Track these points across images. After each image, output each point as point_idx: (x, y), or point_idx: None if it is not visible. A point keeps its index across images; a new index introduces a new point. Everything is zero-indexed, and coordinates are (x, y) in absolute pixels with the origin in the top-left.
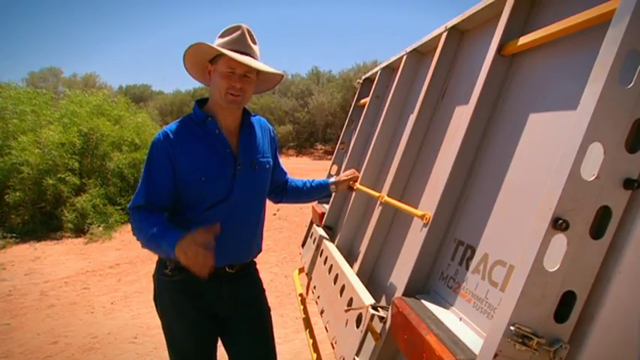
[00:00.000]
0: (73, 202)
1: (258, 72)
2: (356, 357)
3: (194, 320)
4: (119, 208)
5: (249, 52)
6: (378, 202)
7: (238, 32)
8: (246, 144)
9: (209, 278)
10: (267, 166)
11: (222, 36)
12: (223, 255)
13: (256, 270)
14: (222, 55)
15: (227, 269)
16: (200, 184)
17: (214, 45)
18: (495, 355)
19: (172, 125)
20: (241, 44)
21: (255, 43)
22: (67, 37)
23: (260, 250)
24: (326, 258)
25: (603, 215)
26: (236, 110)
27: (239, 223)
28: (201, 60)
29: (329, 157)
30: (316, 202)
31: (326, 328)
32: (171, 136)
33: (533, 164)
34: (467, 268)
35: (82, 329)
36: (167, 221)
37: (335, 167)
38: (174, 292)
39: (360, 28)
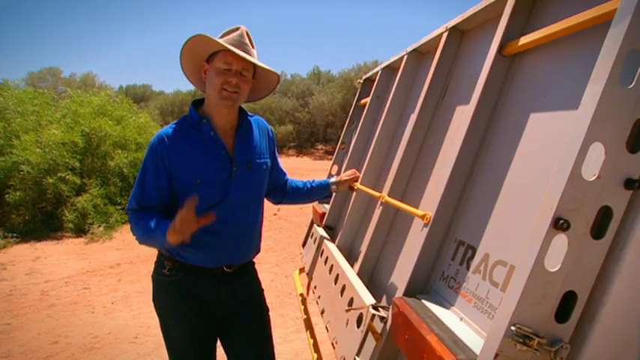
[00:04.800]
0: (73, 201)
1: (254, 75)
2: (356, 357)
3: (192, 320)
4: (120, 207)
5: (247, 51)
6: (379, 202)
7: (238, 32)
8: (243, 145)
9: (207, 278)
10: (265, 167)
11: (221, 37)
12: (221, 255)
13: (255, 270)
14: (219, 52)
15: (225, 269)
16: (195, 186)
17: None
18: (496, 355)
19: (168, 128)
20: (240, 43)
21: (253, 46)
22: (66, 37)
23: (258, 251)
24: (327, 258)
25: (604, 215)
26: (231, 108)
27: (237, 224)
28: (198, 58)
29: (329, 157)
30: (317, 202)
31: (327, 328)
32: (166, 139)
33: (534, 164)
34: (467, 268)
35: (83, 329)
36: (160, 216)
37: (336, 167)
38: (172, 293)
39: (361, 28)
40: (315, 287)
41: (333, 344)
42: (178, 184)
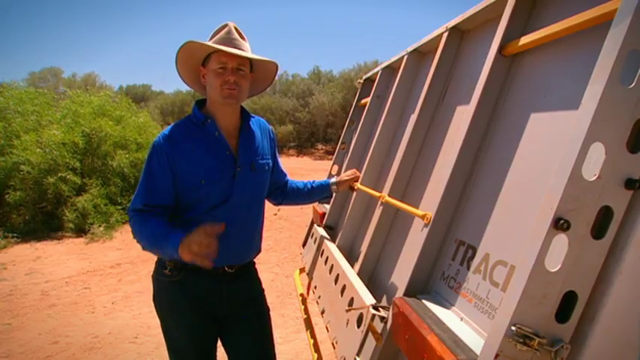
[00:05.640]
0: (73, 201)
1: (252, 69)
2: (357, 357)
3: (193, 320)
4: (120, 208)
5: (238, 47)
6: (379, 202)
7: (225, 29)
8: (246, 146)
9: (208, 278)
10: (267, 167)
11: (210, 38)
12: (223, 255)
13: (255, 270)
14: (212, 54)
15: (226, 269)
16: (200, 186)
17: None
18: (496, 356)
19: (171, 127)
20: (229, 40)
21: (244, 39)
22: (67, 37)
23: (259, 251)
24: (327, 258)
25: (604, 215)
26: (234, 106)
27: (239, 224)
28: (194, 64)
29: (330, 157)
30: (317, 202)
31: (327, 328)
32: (170, 138)
33: (535, 164)
34: (468, 268)
35: (83, 329)
36: (167, 224)
37: (336, 167)
38: (172, 293)
39: (361, 28)
40: (315, 287)
41: (333, 344)
42: (182, 184)
